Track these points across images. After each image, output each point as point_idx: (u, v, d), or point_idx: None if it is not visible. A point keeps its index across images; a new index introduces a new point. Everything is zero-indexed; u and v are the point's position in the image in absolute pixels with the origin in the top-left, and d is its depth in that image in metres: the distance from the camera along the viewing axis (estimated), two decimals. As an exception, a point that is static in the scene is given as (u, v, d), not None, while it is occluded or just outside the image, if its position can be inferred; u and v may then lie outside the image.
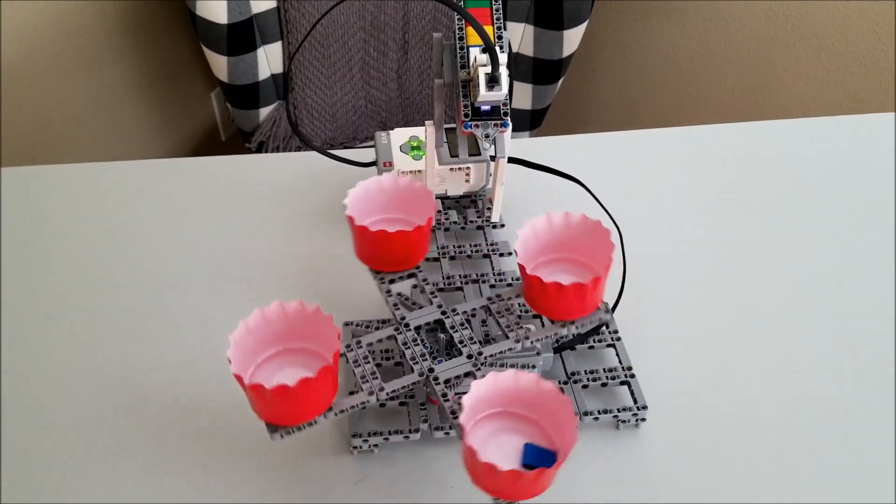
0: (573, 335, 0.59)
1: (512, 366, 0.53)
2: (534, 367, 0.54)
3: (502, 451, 0.43)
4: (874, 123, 0.85)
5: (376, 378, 0.47)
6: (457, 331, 0.51)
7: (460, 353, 0.50)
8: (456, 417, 0.46)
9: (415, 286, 0.62)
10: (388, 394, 0.47)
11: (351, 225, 0.52)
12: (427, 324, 0.52)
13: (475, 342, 0.50)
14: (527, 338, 0.50)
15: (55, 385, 0.58)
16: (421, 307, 0.53)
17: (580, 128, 1.79)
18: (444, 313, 0.52)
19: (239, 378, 0.42)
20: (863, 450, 0.54)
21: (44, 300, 0.64)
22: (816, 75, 1.39)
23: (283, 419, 0.43)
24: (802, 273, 0.67)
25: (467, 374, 0.49)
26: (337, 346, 0.44)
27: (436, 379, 0.48)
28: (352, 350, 0.49)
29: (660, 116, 1.66)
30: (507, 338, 0.51)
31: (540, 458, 0.42)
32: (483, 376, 0.48)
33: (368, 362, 0.48)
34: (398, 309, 0.52)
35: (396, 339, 0.50)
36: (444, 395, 0.47)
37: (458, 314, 0.52)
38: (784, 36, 1.39)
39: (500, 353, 0.50)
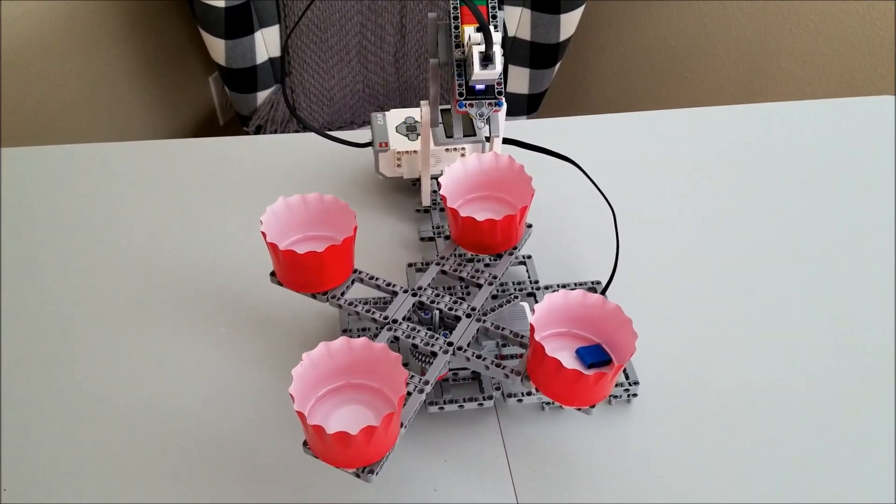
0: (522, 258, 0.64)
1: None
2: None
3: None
4: (870, 106, 0.86)
5: (413, 376, 0.48)
6: (437, 302, 0.53)
7: (457, 319, 0.52)
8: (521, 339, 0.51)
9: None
10: (431, 385, 0.48)
11: (284, 259, 0.52)
12: (408, 310, 0.53)
13: (459, 303, 0.53)
14: (495, 277, 0.55)
15: (53, 365, 0.58)
16: (388, 301, 0.54)
17: (577, 112, 1.78)
18: (414, 294, 0.54)
19: (302, 416, 0.42)
20: (857, 427, 0.55)
21: (42, 279, 0.64)
22: (813, 59, 1.39)
23: (349, 462, 0.43)
24: (797, 254, 0.68)
25: (479, 331, 0.51)
26: (403, 390, 0.43)
27: (460, 348, 0.50)
28: None
29: (657, 100, 1.66)
30: (479, 286, 0.55)
31: (596, 356, 0.47)
32: (486, 329, 0.52)
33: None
34: (373, 313, 0.53)
35: (398, 340, 0.51)
36: (480, 356, 0.49)
37: (426, 289, 0.54)
38: (781, 20, 1.40)
39: (487, 299, 0.54)
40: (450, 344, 0.50)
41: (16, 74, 1.19)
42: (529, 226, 0.61)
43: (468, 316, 0.52)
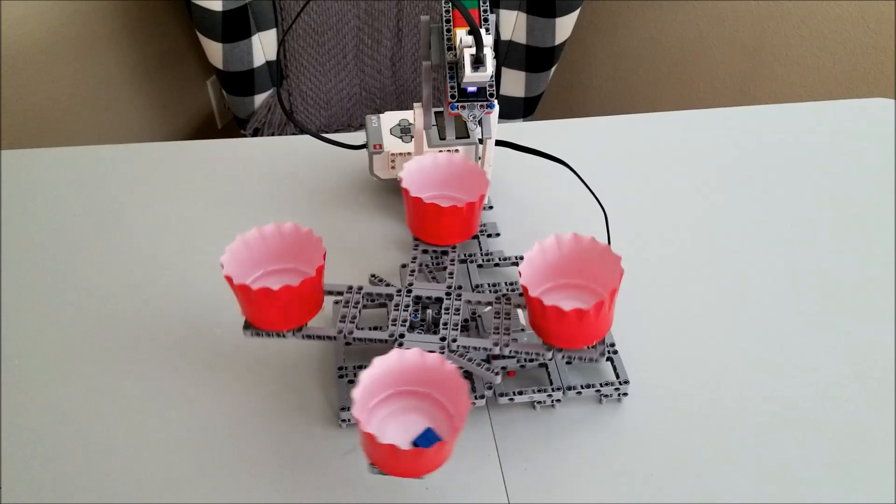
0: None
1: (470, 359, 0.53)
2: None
3: (405, 430, 0.45)
4: (865, 108, 0.86)
5: (353, 323, 0.50)
6: (449, 313, 0.52)
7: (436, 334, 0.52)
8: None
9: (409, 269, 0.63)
10: (354, 339, 0.50)
11: (405, 196, 0.56)
12: (429, 298, 0.53)
13: (456, 329, 0.51)
14: (507, 345, 0.50)
15: (52, 361, 0.59)
16: (434, 281, 0.55)
17: (573, 115, 1.80)
18: (447, 294, 0.53)
19: (229, 279, 0.47)
20: (852, 427, 0.56)
21: (39, 281, 0.65)
22: (808, 62, 1.40)
23: (260, 323, 0.49)
24: (790, 256, 0.69)
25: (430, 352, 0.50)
26: (321, 262, 0.49)
27: (401, 345, 0.50)
28: (350, 292, 0.52)
29: (652, 104, 1.67)
30: (490, 337, 0.51)
31: (428, 443, 0.44)
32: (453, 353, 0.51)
33: (357, 306, 0.51)
34: (412, 274, 0.54)
35: (391, 299, 0.52)
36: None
37: (459, 300, 0.53)
38: (775, 22, 1.40)
39: (473, 347, 0.50)
40: (401, 335, 0.51)
41: (14, 77, 1.20)
42: (609, 352, 0.53)
43: (442, 339, 0.51)
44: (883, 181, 0.76)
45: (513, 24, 1.27)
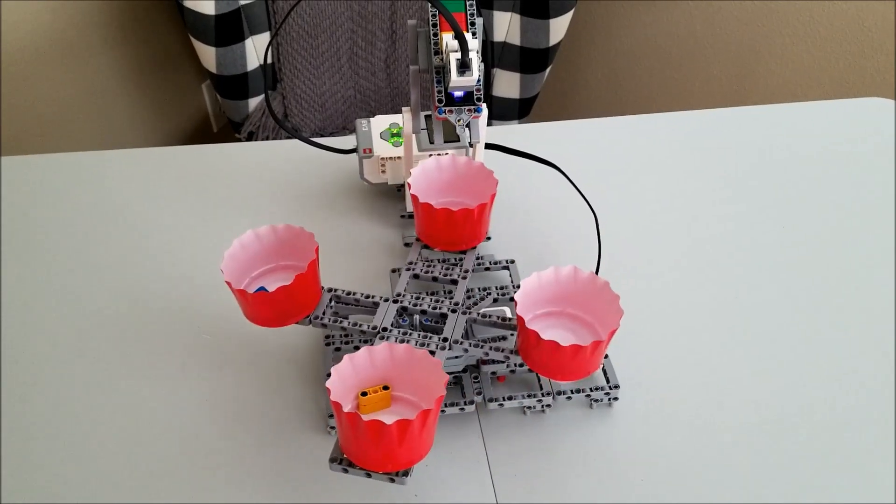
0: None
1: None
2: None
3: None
4: (860, 108, 0.86)
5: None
6: (419, 305, 0.54)
7: (444, 317, 0.54)
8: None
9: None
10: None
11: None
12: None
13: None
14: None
15: (50, 364, 0.59)
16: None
17: (569, 116, 1.80)
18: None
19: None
20: (844, 429, 0.55)
21: (33, 285, 0.65)
22: (801, 61, 1.39)
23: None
24: (781, 257, 0.68)
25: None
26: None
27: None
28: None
29: (648, 104, 1.66)
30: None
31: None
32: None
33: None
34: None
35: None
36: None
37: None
38: (770, 22, 1.40)
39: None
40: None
41: (7, 81, 1.20)
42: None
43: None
44: (881, 181, 0.76)
45: (507, 26, 1.27)
